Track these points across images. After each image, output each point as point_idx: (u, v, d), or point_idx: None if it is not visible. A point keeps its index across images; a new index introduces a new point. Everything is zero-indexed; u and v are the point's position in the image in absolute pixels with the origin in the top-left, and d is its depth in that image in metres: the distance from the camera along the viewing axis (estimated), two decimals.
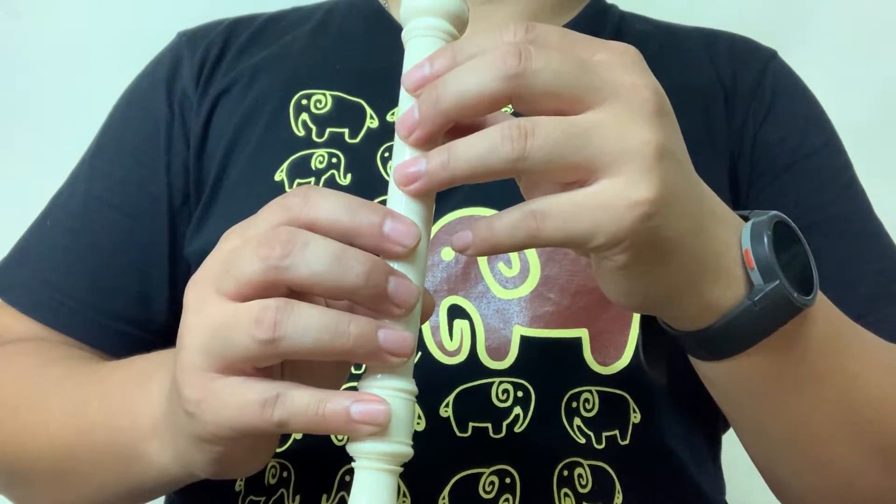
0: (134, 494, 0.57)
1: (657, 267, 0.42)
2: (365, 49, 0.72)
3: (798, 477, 0.56)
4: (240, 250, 0.41)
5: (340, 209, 0.41)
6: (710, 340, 0.47)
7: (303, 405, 0.41)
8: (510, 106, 0.41)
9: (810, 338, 0.48)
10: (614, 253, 0.40)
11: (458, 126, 0.42)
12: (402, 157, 0.42)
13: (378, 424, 0.40)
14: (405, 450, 0.42)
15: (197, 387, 0.42)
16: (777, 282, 0.44)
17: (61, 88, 1.05)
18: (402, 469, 0.43)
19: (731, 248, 0.45)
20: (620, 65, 0.41)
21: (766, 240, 0.45)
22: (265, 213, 0.43)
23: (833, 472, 0.54)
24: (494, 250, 0.41)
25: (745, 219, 0.47)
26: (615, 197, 0.39)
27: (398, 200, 0.42)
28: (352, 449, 0.42)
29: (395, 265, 0.42)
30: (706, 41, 0.74)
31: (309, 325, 0.40)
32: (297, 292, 0.41)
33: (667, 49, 0.73)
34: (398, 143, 0.43)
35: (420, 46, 0.44)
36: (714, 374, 0.51)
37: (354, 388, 0.43)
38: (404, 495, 0.57)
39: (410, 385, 0.42)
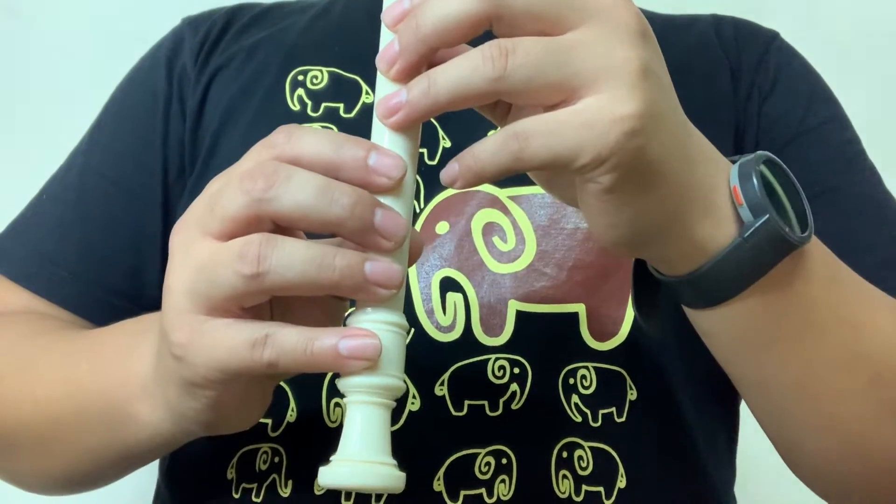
0: (123, 460, 0.56)
1: (643, 193, 0.41)
2: (364, 30, 0.72)
3: (808, 438, 0.53)
4: (223, 189, 0.40)
5: (324, 143, 0.40)
6: (702, 283, 0.45)
7: (292, 343, 0.40)
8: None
9: (808, 282, 0.47)
10: (600, 173, 0.39)
11: (438, 61, 0.41)
12: (384, 93, 0.41)
13: (368, 359, 0.40)
14: (397, 383, 0.41)
15: (185, 330, 0.42)
16: (767, 216, 0.43)
17: (61, 88, 1.06)
18: (394, 403, 0.42)
19: (720, 185, 0.44)
20: None
21: (754, 176, 0.44)
22: (250, 153, 0.42)
23: (844, 430, 0.52)
24: (480, 178, 0.40)
25: (735, 162, 0.46)
26: (599, 112, 0.38)
27: (382, 135, 0.42)
28: (342, 384, 0.41)
29: (382, 199, 0.41)
30: (712, 24, 0.74)
31: (294, 257, 0.39)
32: (283, 230, 0.41)
33: (670, 33, 0.73)
34: (380, 80, 0.42)
35: None
36: (711, 325, 0.49)
37: None
38: None
39: (400, 318, 0.42)
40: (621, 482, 0.58)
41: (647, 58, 0.40)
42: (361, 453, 0.41)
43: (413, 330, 0.58)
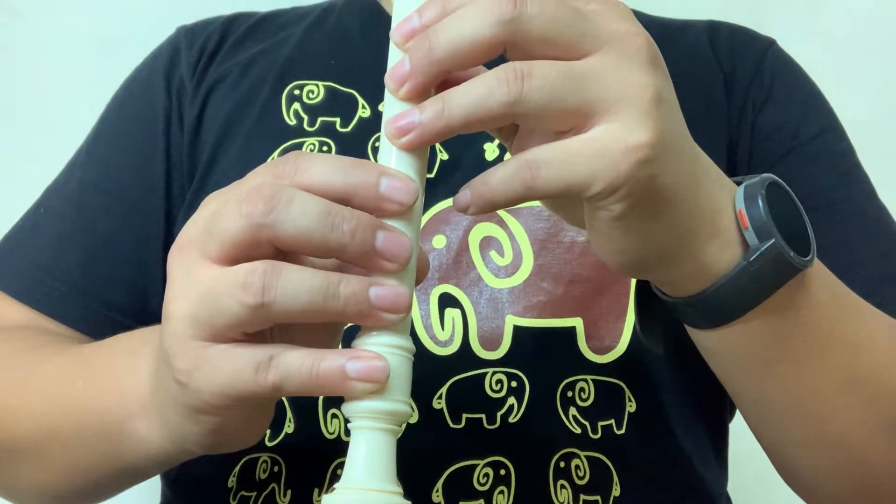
0: (124, 475, 0.56)
1: (653, 219, 0.41)
2: (359, 43, 0.73)
3: (806, 455, 0.54)
4: (222, 209, 0.40)
5: (333, 171, 0.39)
6: (706, 305, 0.46)
7: (296, 366, 0.39)
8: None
9: (810, 304, 0.47)
10: (611, 202, 0.39)
11: (447, 82, 0.41)
12: (394, 112, 0.41)
13: (376, 381, 0.39)
14: (403, 408, 0.40)
15: (189, 356, 0.41)
16: (772, 240, 0.43)
17: (61, 88, 1.05)
18: (401, 429, 0.41)
19: (725, 208, 0.44)
20: (613, 15, 0.41)
21: (760, 200, 0.44)
22: (253, 176, 0.41)
23: (842, 449, 0.52)
24: (492, 205, 0.40)
25: (739, 184, 0.46)
26: (612, 141, 0.38)
27: (390, 155, 0.41)
28: (346, 409, 0.41)
29: (390, 221, 0.40)
30: (707, 31, 0.74)
31: (299, 287, 0.38)
32: (283, 252, 0.40)
33: (664, 40, 0.72)
34: (388, 98, 0.41)
35: (408, 0, 0.42)
36: (713, 344, 0.49)
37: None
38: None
39: (406, 342, 0.41)
40: (616, 490, 0.58)
41: (660, 85, 0.40)
42: (366, 481, 0.40)
43: None
